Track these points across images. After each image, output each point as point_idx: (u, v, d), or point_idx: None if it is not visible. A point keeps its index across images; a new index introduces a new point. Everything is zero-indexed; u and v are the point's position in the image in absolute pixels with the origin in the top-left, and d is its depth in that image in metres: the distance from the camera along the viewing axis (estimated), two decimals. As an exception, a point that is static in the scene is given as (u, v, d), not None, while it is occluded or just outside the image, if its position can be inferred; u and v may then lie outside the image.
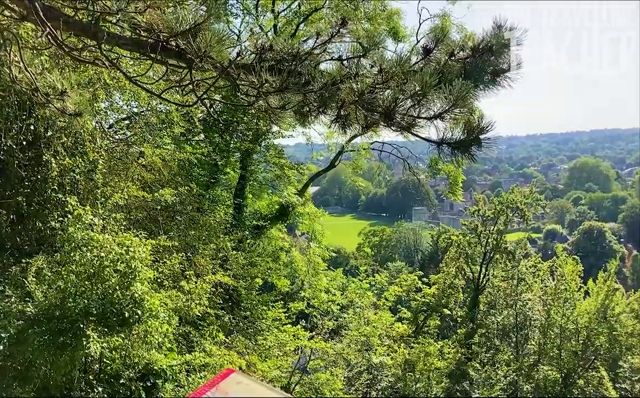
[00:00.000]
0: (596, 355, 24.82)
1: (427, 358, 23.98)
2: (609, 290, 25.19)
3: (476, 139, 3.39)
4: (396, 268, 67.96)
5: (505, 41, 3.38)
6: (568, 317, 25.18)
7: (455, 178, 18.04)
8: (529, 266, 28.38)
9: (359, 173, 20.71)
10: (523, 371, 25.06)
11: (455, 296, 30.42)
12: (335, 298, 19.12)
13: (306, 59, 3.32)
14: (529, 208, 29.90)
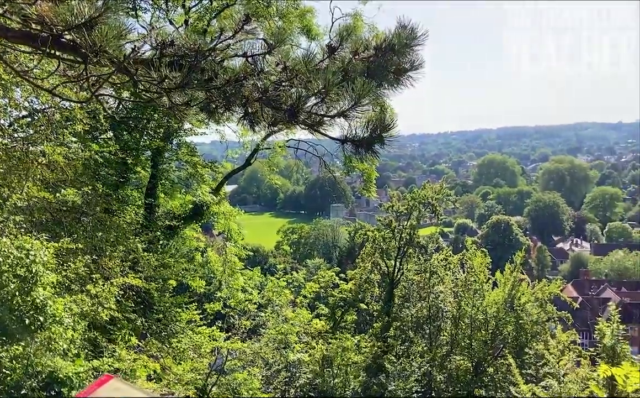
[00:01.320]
0: (504, 343, 25.95)
1: (344, 353, 24.29)
2: (515, 281, 26.39)
3: (379, 137, 3.44)
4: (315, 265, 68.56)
5: (407, 41, 3.44)
6: (478, 308, 26.17)
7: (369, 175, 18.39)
8: (440, 259, 29.31)
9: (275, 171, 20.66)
10: (436, 362, 25.84)
11: (371, 291, 31.03)
12: (252, 297, 19.00)
13: (209, 55, 3.26)
14: (440, 203, 30.89)
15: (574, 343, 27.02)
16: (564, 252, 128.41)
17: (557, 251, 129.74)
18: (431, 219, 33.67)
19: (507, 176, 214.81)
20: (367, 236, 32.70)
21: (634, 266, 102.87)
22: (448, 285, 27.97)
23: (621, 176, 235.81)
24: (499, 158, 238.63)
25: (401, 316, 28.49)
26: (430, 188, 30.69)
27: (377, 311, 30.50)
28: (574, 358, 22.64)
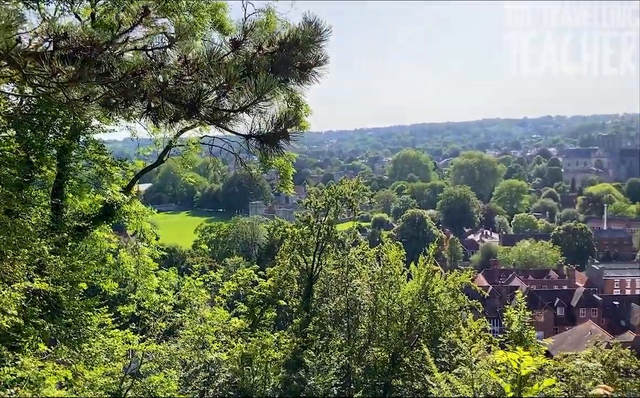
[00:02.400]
0: (419, 333, 26.72)
1: (264, 350, 24.23)
2: (429, 272, 27.22)
3: (284, 132, 3.44)
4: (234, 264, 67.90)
5: (311, 37, 3.45)
6: (394, 299, 26.81)
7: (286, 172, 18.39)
8: (357, 253, 29.80)
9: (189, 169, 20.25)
10: (355, 354, 26.27)
11: (291, 287, 31.09)
12: (168, 298, 18.57)
13: (107, 49, 3.13)
14: (357, 199, 31.36)
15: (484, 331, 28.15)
16: (474, 243, 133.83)
17: (469, 242, 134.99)
18: (349, 214, 34.15)
19: (421, 171, 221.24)
20: (285, 233, 32.75)
21: (539, 255, 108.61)
22: (365, 279, 28.48)
23: (526, 169, 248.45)
24: (412, 153, 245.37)
25: (320, 311, 28.74)
26: (347, 184, 31.09)
27: (296, 307, 30.61)
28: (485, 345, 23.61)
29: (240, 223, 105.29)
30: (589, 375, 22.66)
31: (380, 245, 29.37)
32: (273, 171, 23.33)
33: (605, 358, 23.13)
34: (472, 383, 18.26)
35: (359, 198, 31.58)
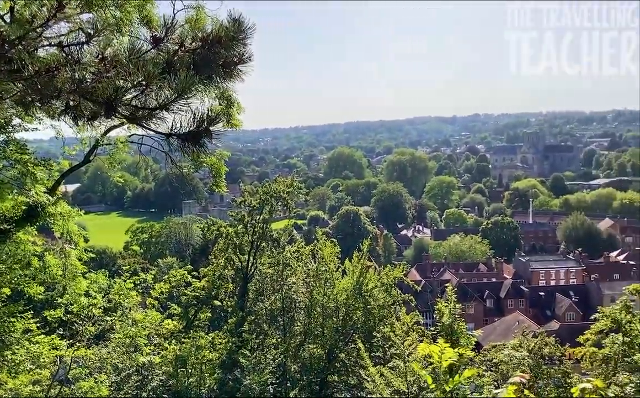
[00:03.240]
0: (354, 329, 26.99)
1: (198, 351, 23.86)
2: (363, 268, 27.54)
3: (206, 131, 3.39)
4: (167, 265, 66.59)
5: (234, 34, 3.42)
6: (329, 296, 26.97)
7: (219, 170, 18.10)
8: (293, 251, 29.81)
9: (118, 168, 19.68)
10: (290, 352, 26.26)
11: (225, 287, 30.78)
12: (97, 301, 18.02)
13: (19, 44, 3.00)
14: (292, 197, 31.36)
15: (417, 324, 28.77)
16: (407, 238, 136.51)
17: (402, 237, 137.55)
18: (284, 212, 34.10)
19: (355, 169, 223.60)
20: (219, 232, 32.36)
21: (469, 249, 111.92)
22: (300, 276, 28.51)
23: (456, 166, 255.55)
24: (347, 151, 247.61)
25: (255, 310, 28.56)
26: (282, 182, 31.04)
27: (231, 307, 30.32)
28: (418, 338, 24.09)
29: (173, 223, 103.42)
30: (516, 363, 23.55)
31: (315, 242, 29.48)
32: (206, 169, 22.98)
33: (531, 347, 24.06)
34: (405, 376, 18.64)
35: (294, 196, 31.58)
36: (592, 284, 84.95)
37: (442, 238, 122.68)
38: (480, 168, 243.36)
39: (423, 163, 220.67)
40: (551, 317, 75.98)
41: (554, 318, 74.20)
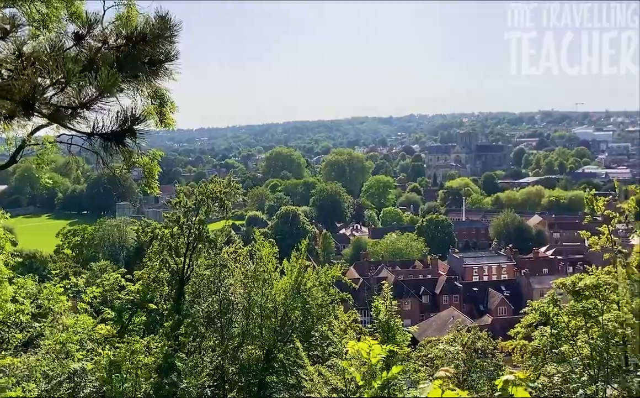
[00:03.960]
0: (293, 329, 26.99)
1: (133, 356, 23.31)
2: (301, 268, 27.58)
3: (130, 130, 3.30)
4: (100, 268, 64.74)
5: (160, 31, 3.35)
6: (267, 296, 26.85)
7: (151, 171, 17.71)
8: (230, 252, 29.52)
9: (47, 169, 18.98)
10: (228, 354, 26.02)
11: (161, 290, 30.15)
12: (25, 307, 17.33)
13: None
14: (229, 197, 31.04)
15: (355, 322, 29.12)
16: (346, 237, 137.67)
17: (340, 236, 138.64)
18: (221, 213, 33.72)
19: (294, 169, 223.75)
20: (154, 234, 31.65)
21: (405, 247, 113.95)
22: (238, 277, 28.28)
23: (392, 165, 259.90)
24: (285, 151, 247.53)
25: (192, 312, 28.12)
26: (219, 182, 30.69)
27: (167, 310, 29.71)
28: (355, 336, 24.31)
29: (106, 225, 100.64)
30: (450, 358, 24.17)
31: (253, 243, 29.31)
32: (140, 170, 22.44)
33: (465, 342, 24.71)
34: (343, 373, 18.79)
35: (231, 196, 31.25)
36: (522, 279, 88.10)
37: (379, 237, 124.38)
38: (416, 168, 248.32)
39: (361, 163, 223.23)
40: (484, 312, 78.35)
41: (487, 313, 76.56)
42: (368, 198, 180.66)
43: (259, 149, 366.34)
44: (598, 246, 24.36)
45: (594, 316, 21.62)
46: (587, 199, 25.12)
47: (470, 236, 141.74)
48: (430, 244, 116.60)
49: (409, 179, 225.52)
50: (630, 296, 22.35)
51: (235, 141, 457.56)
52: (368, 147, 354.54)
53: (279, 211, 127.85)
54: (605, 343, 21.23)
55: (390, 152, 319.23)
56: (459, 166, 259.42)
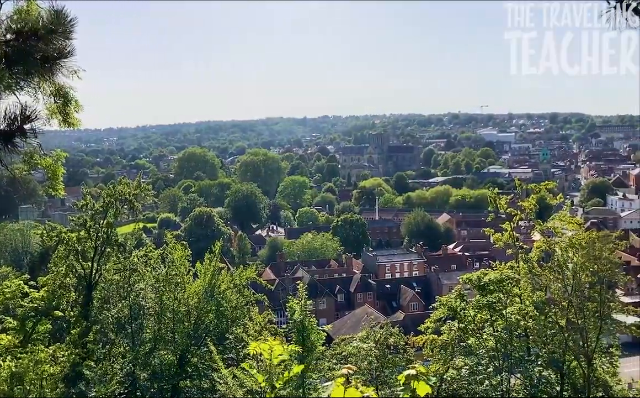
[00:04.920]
0: (207, 332, 26.64)
1: (37, 366, 22.25)
2: (215, 270, 27.28)
3: (20, 129, 3.14)
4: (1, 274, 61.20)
5: (53, 27, 3.20)
6: (180, 300, 26.38)
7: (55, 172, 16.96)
8: (141, 256, 28.76)
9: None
10: (140, 360, 25.33)
11: (67, 296, 28.92)
12: None
13: None
14: (139, 199, 30.21)
15: (270, 323, 29.09)
16: (262, 238, 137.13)
17: (256, 237, 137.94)
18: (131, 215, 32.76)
19: (208, 169, 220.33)
20: (59, 238, 30.29)
21: (321, 246, 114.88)
22: (149, 281, 27.61)
23: (308, 166, 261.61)
24: (199, 151, 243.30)
25: (101, 318, 27.18)
26: (128, 184, 29.81)
27: (74, 316, 28.52)
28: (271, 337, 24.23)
29: (8, 229, 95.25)
30: (364, 355, 24.63)
31: (165, 246, 28.70)
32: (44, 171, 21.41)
33: (377, 338, 25.23)
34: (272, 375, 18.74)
35: (141, 198, 30.45)
36: (432, 275, 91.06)
37: (295, 237, 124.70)
38: (330, 168, 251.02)
39: (276, 163, 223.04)
40: (397, 308, 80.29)
41: (399, 309, 78.49)
42: (284, 199, 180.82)
43: (171, 150, 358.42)
44: (501, 242, 25.63)
45: (498, 309, 22.74)
46: (491, 198, 26.40)
47: (383, 235, 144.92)
48: (345, 243, 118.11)
49: (324, 180, 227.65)
50: (532, 289, 23.66)
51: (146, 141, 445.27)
52: (283, 148, 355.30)
53: (193, 213, 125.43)
54: (509, 335, 22.39)
55: (305, 152, 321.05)
56: (371, 166, 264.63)
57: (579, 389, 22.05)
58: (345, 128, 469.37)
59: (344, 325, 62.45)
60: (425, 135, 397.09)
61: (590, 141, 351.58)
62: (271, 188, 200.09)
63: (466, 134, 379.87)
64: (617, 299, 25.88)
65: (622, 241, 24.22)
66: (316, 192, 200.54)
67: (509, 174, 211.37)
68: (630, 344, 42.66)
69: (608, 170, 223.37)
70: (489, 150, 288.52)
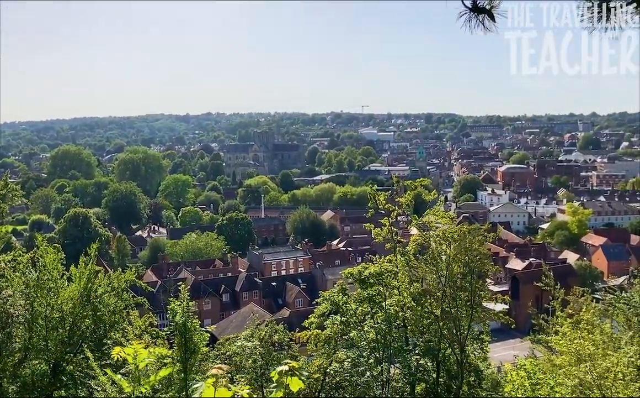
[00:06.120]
0: (83, 338, 25.35)
1: None
2: (91, 273, 26.01)
3: None
4: None
5: None
6: (53, 306, 24.92)
7: None
8: (8, 260, 26.84)
9: None
10: (7, 372, 23.65)
11: None
12: None
13: None
14: (5, 200, 28.18)
15: (151, 326, 28.20)
16: (143, 239, 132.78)
17: (136, 238, 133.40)
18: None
19: (83, 168, 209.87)
20: None
21: (205, 246, 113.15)
22: (18, 287, 25.82)
23: (191, 164, 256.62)
24: (73, 149, 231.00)
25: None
26: (-9, 184, 27.69)
27: None
28: (152, 340, 23.58)
29: None
30: (248, 353, 24.53)
31: (35, 249, 26.97)
32: None
33: (262, 336, 25.22)
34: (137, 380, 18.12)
35: (7, 198, 28.39)
36: (317, 271, 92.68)
37: (178, 237, 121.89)
38: (215, 166, 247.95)
39: (157, 162, 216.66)
40: (283, 305, 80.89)
41: (285, 306, 79.14)
42: (166, 198, 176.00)
43: (43, 148, 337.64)
44: (381, 237, 26.51)
45: (378, 302, 23.51)
46: (370, 194, 27.22)
47: (269, 233, 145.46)
48: (230, 242, 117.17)
49: (209, 178, 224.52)
50: (409, 281, 24.65)
51: (15, 138, 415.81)
52: (165, 146, 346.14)
53: (68, 214, 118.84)
54: (388, 326, 23.20)
55: (188, 150, 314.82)
56: (257, 164, 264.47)
57: (453, 375, 23.24)
58: (229, 126, 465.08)
59: (229, 324, 61.92)
60: (310, 134, 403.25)
61: (462, 140, 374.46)
62: (152, 187, 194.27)
63: (348, 133, 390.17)
64: (486, 288, 27.56)
65: (490, 234, 25.79)
66: (200, 191, 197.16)
67: (388, 172, 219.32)
68: (499, 330, 45.88)
69: (478, 167, 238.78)
70: (370, 149, 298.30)
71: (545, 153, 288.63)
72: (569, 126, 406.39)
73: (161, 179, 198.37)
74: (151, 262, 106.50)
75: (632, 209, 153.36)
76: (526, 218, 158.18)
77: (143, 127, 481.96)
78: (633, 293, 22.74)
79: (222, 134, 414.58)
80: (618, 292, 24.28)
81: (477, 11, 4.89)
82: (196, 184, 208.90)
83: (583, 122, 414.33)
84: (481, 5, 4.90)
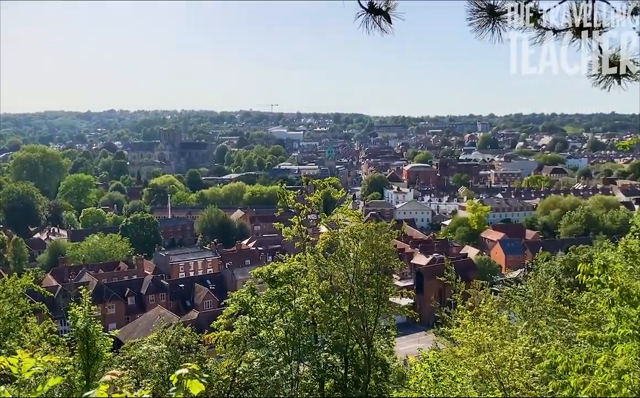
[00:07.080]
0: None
1: None
2: (-17, 279, 24.50)
3: None
4: None
5: None
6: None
7: None
8: None
9: None
10: None
11: None
12: None
13: None
14: None
15: (51, 332, 26.88)
16: (41, 242, 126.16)
17: (35, 241, 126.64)
18: None
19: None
20: None
21: (109, 248, 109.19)
22: None
23: (93, 163, 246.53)
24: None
25: None
26: None
27: None
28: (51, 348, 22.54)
29: None
30: (155, 357, 23.88)
31: None
32: None
33: (169, 339, 24.64)
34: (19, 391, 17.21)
35: None
36: (227, 271, 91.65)
37: (80, 239, 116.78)
38: (118, 165, 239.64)
39: (56, 161, 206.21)
40: (191, 307, 79.45)
41: (194, 308, 77.76)
42: (66, 199, 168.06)
43: None
44: (290, 236, 26.61)
45: (288, 300, 23.57)
46: (280, 193, 27.26)
47: (177, 234, 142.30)
48: (135, 244, 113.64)
49: (112, 178, 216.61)
50: (318, 279, 24.90)
51: None
52: (65, 144, 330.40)
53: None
54: (297, 324, 23.31)
55: (90, 149, 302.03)
56: (163, 163, 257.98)
57: (361, 370, 23.69)
58: (134, 124, 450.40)
59: (135, 328, 60.02)
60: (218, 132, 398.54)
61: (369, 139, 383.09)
62: (51, 187, 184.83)
63: (258, 131, 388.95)
64: (392, 283, 28.32)
65: (396, 230, 26.51)
66: (103, 191, 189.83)
67: (298, 171, 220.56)
68: (405, 324, 47.32)
69: (385, 166, 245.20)
70: (280, 148, 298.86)
71: (447, 152, 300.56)
72: (469, 127, 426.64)
73: (61, 179, 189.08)
74: (51, 266, 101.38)
75: (527, 205, 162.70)
76: (430, 215, 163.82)
77: (41, 125, 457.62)
78: (528, 285, 24.16)
79: (126, 132, 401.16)
80: (514, 285, 25.71)
81: (373, 12, 5.01)
82: (99, 184, 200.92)
83: (482, 122, 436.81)
84: (377, 6, 5.03)
